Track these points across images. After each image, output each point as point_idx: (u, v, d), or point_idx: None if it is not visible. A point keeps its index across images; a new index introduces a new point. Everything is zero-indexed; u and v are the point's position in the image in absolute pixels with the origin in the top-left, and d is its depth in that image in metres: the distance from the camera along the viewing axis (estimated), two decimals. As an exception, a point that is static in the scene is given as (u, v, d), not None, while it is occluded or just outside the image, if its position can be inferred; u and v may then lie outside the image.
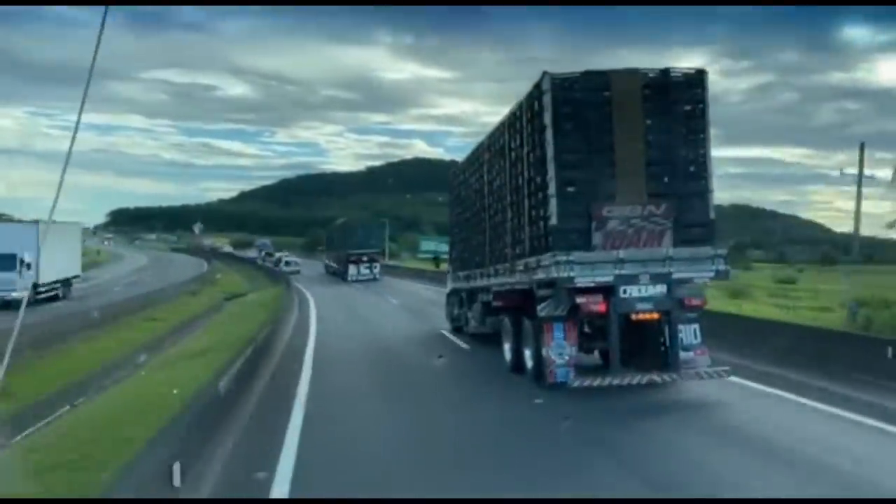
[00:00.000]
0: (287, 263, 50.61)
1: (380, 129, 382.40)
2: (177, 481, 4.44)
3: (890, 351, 8.87)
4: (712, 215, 8.43)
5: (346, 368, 11.64)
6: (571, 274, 7.97)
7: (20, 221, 32.48)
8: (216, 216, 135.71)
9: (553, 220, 8.19)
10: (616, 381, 8.07)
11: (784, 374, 9.30)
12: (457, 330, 15.00)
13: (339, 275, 42.26)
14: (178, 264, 57.06)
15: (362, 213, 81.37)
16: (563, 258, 7.96)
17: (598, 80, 8.26)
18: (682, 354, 8.42)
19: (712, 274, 8.28)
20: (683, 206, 8.28)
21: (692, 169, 8.41)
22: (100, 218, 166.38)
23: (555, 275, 8.05)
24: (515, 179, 9.64)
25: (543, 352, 8.58)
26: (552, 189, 8.16)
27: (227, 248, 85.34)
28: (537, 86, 8.41)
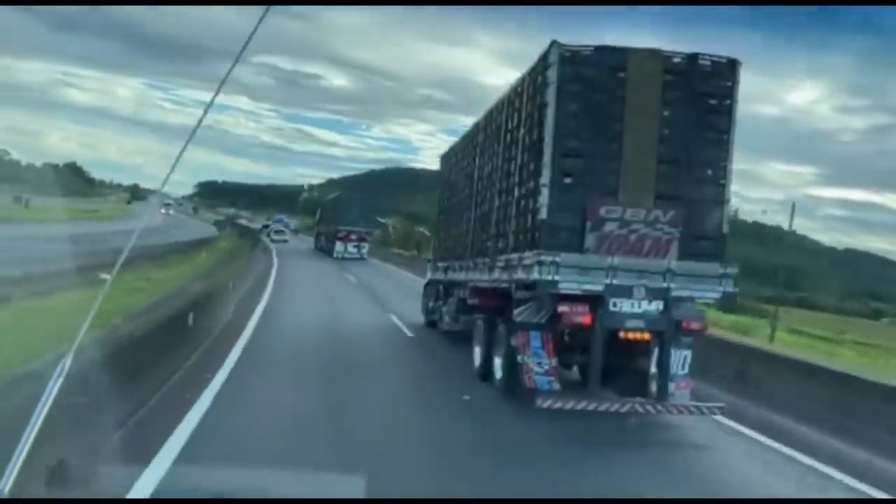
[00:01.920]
0: (277, 232, 52.09)
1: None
2: None
3: None
4: (726, 229, 7.31)
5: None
6: (555, 278, 6.85)
7: None
8: (300, 200, 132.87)
9: (542, 214, 7.07)
10: (592, 406, 6.96)
11: None
12: (431, 324, 13.90)
13: (325, 251, 41.21)
14: (178, 232, 53.98)
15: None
16: (548, 259, 6.85)
17: (613, 59, 7.11)
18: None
19: (718, 295, 7.18)
20: (694, 215, 7.17)
21: (709, 172, 7.30)
22: (189, 189, 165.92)
23: (536, 276, 6.94)
24: (507, 164, 8.50)
25: (519, 358, 7.50)
26: (545, 178, 7.04)
27: (244, 222, 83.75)
28: (543, 57, 7.26)
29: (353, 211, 39.28)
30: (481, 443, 6.48)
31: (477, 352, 9.41)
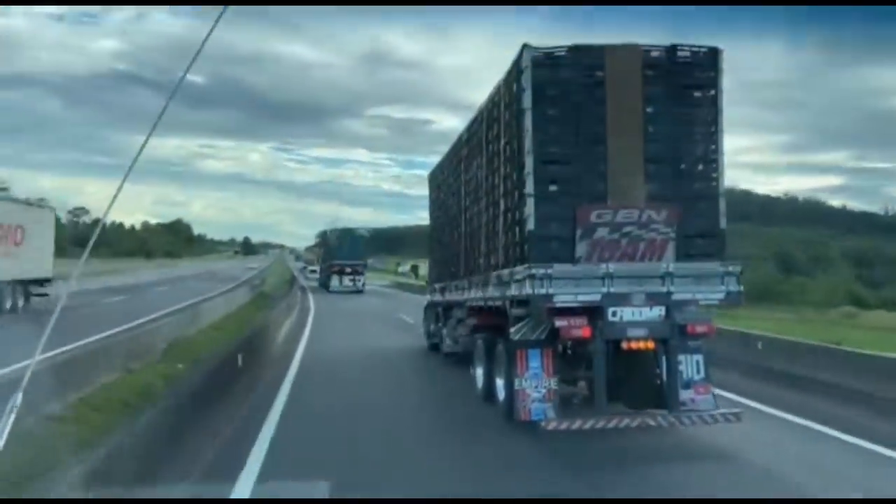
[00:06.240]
0: (312, 271, 55.31)
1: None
2: None
3: None
4: (723, 224, 6.97)
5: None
6: (550, 291, 6.50)
7: None
8: (418, 240, 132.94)
9: (530, 225, 6.74)
10: (601, 424, 6.57)
11: None
12: (433, 347, 13.55)
13: (324, 286, 41.18)
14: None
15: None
16: (541, 271, 6.50)
17: (590, 58, 6.82)
18: (681, 392, 6.95)
19: (721, 296, 6.80)
20: (689, 212, 6.83)
21: (700, 167, 6.98)
22: (311, 241, 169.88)
23: (529, 291, 6.59)
24: (492, 177, 8.21)
25: (516, 383, 7.12)
26: (530, 187, 6.72)
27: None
28: (516, 63, 6.98)
29: (346, 245, 39.60)
30: None
31: (478, 373, 9.03)
